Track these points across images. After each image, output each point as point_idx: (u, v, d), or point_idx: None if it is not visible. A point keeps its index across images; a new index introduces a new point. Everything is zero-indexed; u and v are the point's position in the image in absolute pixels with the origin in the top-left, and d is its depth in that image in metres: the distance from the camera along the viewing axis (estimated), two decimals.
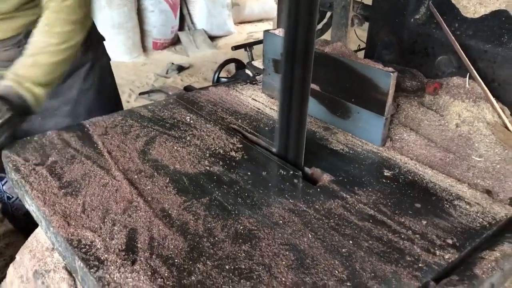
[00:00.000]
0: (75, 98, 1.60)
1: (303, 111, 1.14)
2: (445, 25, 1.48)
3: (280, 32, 1.49)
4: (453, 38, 1.46)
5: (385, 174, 1.19)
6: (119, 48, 4.88)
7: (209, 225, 0.98)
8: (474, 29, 1.47)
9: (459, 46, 1.45)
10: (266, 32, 1.53)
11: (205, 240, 0.93)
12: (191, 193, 1.08)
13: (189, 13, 5.69)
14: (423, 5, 1.60)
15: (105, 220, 0.98)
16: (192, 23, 5.72)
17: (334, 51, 1.35)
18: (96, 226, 0.96)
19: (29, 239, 1.14)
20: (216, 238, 0.94)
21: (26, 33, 1.42)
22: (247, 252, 0.91)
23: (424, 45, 1.59)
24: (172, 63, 4.86)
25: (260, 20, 6.61)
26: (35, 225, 1.10)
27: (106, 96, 1.73)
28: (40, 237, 1.13)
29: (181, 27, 5.67)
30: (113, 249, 0.90)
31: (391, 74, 1.19)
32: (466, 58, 1.43)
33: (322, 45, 1.42)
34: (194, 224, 0.98)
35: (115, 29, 4.79)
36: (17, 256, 1.13)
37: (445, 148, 1.31)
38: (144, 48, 5.24)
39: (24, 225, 2.02)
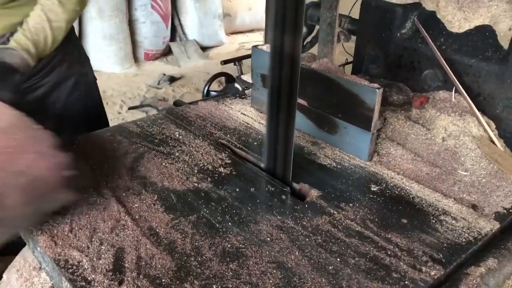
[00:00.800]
0: (59, 113, 1.59)
1: (290, 127, 1.15)
2: (430, 40, 1.50)
3: (268, 48, 1.50)
4: (438, 52, 1.48)
5: (372, 189, 1.20)
6: (110, 59, 4.88)
7: (196, 244, 0.98)
8: (459, 44, 1.49)
9: (444, 61, 1.47)
10: (254, 47, 1.54)
11: (192, 259, 0.94)
12: (179, 211, 1.08)
13: (180, 24, 5.71)
14: (409, 20, 1.62)
15: (93, 240, 0.98)
16: (184, 33, 5.73)
17: (320, 67, 1.37)
18: (83, 245, 0.96)
19: (16, 258, 1.14)
20: (204, 257, 0.94)
21: (11, 34, 1.37)
22: (234, 271, 0.91)
23: (410, 59, 1.61)
24: (164, 74, 4.86)
25: (251, 31, 6.64)
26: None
27: (93, 112, 1.73)
28: (27, 256, 1.12)
29: (172, 38, 5.68)
30: (100, 269, 0.90)
31: (377, 90, 1.21)
32: (451, 73, 1.45)
33: (309, 60, 1.43)
34: (181, 242, 0.98)
35: (107, 40, 4.78)
36: (4, 275, 1.13)
37: (431, 162, 1.32)
38: (136, 59, 5.23)
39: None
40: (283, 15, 1.05)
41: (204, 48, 5.77)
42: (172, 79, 4.80)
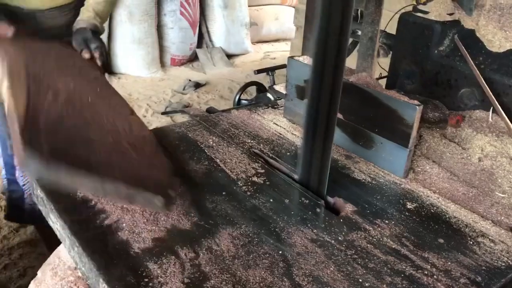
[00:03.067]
0: None
1: (328, 141, 1.15)
2: (470, 58, 1.48)
3: (304, 59, 1.51)
4: (477, 71, 1.46)
5: (408, 206, 1.18)
6: (138, 63, 4.95)
7: (231, 253, 0.98)
8: (498, 64, 1.47)
9: (483, 80, 1.45)
10: (290, 58, 1.54)
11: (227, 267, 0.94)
12: (212, 220, 1.08)
13: (208, 31, 5.77)
14: (447, 37, 1.60)
15: None
16: (210, 40, 5.79)
17: (359, 81, 1.36)
18: None
19: (51, 256, 1.15)
20: (240, 266, 0.94)
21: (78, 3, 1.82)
22: (271, 281, 0.91)
23: (447, 77, 1.60)
24: (189, 80, 4.92)
25: (277, 40, 6.67)
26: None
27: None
28: (62, 255, 1.14)
29: (199, 44, 5.74)
30: None
31: (417, 107, 1.20)
32: (490, 92, 1.43)
33: (347, 74, 1.43)
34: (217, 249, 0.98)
35: (135, 44, 4.86)
36: (39, 273, 1.14)
37: (467, 182, 1.30)
38: (162, 64, 5.30)
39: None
40: (325, 46, 1.06)
41: (229, 56, 5.82)
42: (197, 85, 4.85)
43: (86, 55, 1.66)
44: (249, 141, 1.47)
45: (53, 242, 1.18)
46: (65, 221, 1.04)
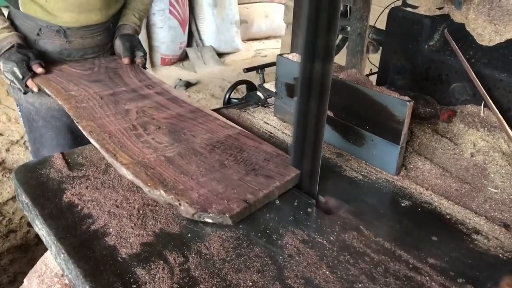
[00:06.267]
0: None
1: (319, 140, 1.13)
2: (460, 52, 1.47)
3: (293, 56, 1.49)
4: (468, 65, 1.45)
5: (401, 204, 1.17)
6: None
7: (221, 256, 0.96)
8: (489, 57, 1.46)
9: (474, 74, 1.44)
10: (280, 56, 1.52)
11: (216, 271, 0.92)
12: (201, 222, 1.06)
13: (197, 30, 5.73)
14: (437, 32, 1.59)
15: None
16: (201, 39, 5.75)
17: (348, 78, 1.35)
18: None
19: (38, 263, 1.13)
20: (228, 269, 0.92)
21: (113, 21, 1.87)
22: (262, 285, 0.89)
23: (438, 72, 1.58)
24: (180, 79, 4.88)
25: (268, 38, 6.65)
26: None
27: None
28: (49, 262, 1.11)
29: (189, 43, 5.70)
30: None
31: (407, 103, 1.18)
32: (481, 86, 1.42)
33: (336, 71, 1.41)
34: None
35: None
36: (25, 281, 1.11)
37: (460, 178, 1.29)
38: (152, 64, 5.26)
39: None
40: (313, 43, 1.03)
41: (220, 54, 5.79)
42: (188, 85, 4.82)
43: (126, 60, 1.79)
44: None
45: None
46: (50, 227, 1.01)
